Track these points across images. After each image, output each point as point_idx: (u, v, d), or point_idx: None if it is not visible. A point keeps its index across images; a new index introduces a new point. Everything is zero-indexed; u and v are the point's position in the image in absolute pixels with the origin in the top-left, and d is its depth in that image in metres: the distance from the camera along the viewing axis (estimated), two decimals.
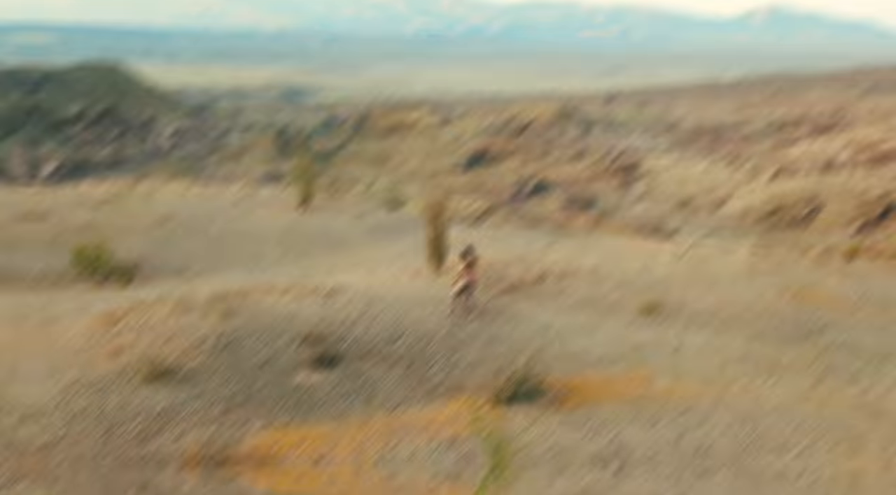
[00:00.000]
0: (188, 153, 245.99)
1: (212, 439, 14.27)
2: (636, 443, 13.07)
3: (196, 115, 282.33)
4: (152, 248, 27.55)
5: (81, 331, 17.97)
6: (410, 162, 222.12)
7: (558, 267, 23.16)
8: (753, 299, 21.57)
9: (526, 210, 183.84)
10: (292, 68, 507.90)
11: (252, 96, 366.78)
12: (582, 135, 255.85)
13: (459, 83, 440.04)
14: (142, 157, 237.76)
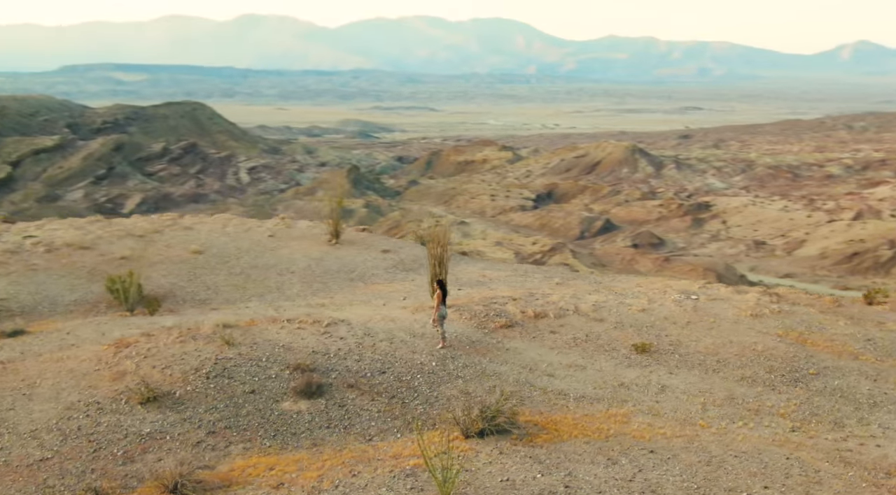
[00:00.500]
0: (265, 188, 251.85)
1: (189, 462, 14.87)
2: (587, 480, 13.11)
3: (274, 151, 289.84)
4: (181, 280, 28.61)
5: (92, 356, 18.91)
6: (478, 199, 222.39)
7: (562, 304, 23.21)
8: (752, 342, 21.27)
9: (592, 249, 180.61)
10: (367, 107, 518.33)
11: (328, 134, 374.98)
12: (653, 174, 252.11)
13: (531, 121, 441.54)
14: (221, 192, 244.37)
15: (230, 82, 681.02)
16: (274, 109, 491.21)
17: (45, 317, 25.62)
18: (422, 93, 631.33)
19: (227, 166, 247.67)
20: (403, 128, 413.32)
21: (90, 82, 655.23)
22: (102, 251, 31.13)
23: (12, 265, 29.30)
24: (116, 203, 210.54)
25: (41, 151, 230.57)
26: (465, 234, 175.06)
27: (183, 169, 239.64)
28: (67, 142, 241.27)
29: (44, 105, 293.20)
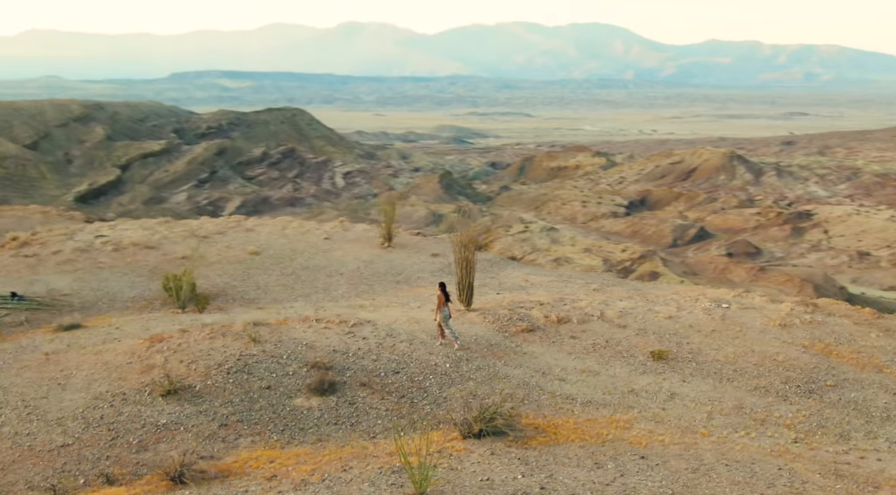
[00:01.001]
0: (359, 193, 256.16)
1: (192, 452, 15.48)
2: (565, 483, 13.07)
3: (369, 156, 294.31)
4: (235, 279, 29.59)
5: (127, 350, 19.85)
6: (569, 205, 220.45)
7: (589, 309, 22.99)
8: (774, 352, 20.66)
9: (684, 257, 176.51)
10: (463, 113, 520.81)
11: (423, 139, 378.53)
12: (751, 181, 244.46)
13: (627, 127, 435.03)
14: (317, 196, 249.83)
15: (330, 89, 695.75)
16: (372, 115, 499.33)
17: (104, 312, 26.92)
18: (517, 98, 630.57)
19: (324, 171, 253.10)
20: (498, 133, 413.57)
21: (198, 89, 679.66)
22: (166, 251, 32.48)
23: (80, 263, 30.91)
24: (217, 206, 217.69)
25: (149, 155, 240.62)
26: (554, 241, 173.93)
27: (281, 173, 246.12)
28: (173, 147, 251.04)
29: (153, 111, 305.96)
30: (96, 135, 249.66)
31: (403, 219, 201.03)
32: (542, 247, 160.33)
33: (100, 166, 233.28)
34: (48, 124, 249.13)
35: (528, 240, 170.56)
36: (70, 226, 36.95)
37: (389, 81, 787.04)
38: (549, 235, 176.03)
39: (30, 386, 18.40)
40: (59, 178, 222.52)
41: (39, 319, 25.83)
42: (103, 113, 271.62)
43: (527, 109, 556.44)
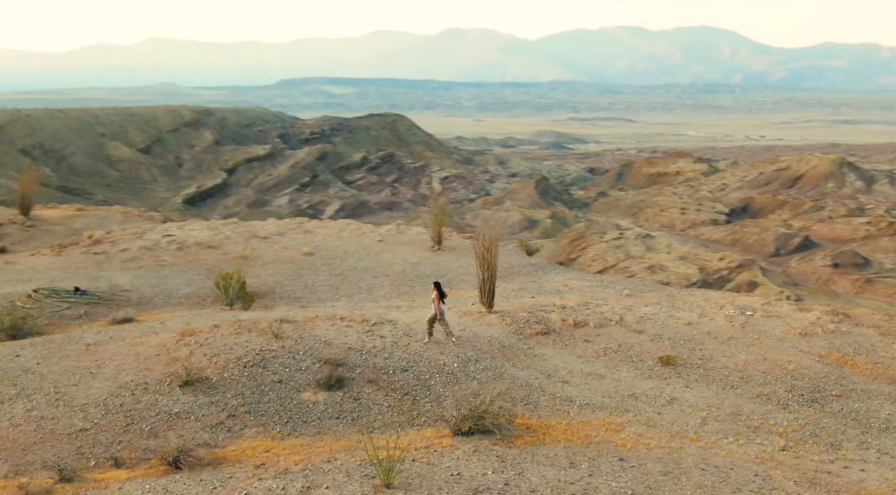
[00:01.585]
0: (455, 198, 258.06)
1: (202, 440, 16.21)
2: (529, 480, 13.32)
3: (467, 162, 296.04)
4: (285, 279, 30.55)
5: (159, 343, 20.88)
6: (668, 212, 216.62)
7: (609, 314, 22.85)
8: (787, 360, 20.16)
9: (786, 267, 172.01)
10: (564, 118, 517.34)
11: (523, 145, 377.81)
12: (862, 189, 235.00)
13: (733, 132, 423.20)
14: (413, 201, 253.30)
15: (432, 94, 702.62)
16: (472, 121, 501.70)
17: (158, 307, 28.27)
18: (619, 103, 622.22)
19: (422, 176, 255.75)
20: (598, 139, 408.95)
21: (304, 95, 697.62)
22: (226, 250, 33.78)
23: (144, 260, 32.49)
24: (317, 209, 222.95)
25: (253, 159, 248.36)
26: (649, 248, 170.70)
27: (380, 178, 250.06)
28: (277, 151, 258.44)
29: (259, 116, 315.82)
30: (205, 139, 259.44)
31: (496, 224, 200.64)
32: (636, 255, 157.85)
33: (207, 170, 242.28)
34: (161, 129, 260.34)
35: (623, 246, 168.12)
36: (144, 225, 38.87)
37: (490, 87, 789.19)
38: (645, 242, 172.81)
39: (65, 374, 19.59)
40: (169, 181, 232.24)
41: (97, 313, 27.33)
42: (212, 118, 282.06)
43: (629, 114, 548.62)
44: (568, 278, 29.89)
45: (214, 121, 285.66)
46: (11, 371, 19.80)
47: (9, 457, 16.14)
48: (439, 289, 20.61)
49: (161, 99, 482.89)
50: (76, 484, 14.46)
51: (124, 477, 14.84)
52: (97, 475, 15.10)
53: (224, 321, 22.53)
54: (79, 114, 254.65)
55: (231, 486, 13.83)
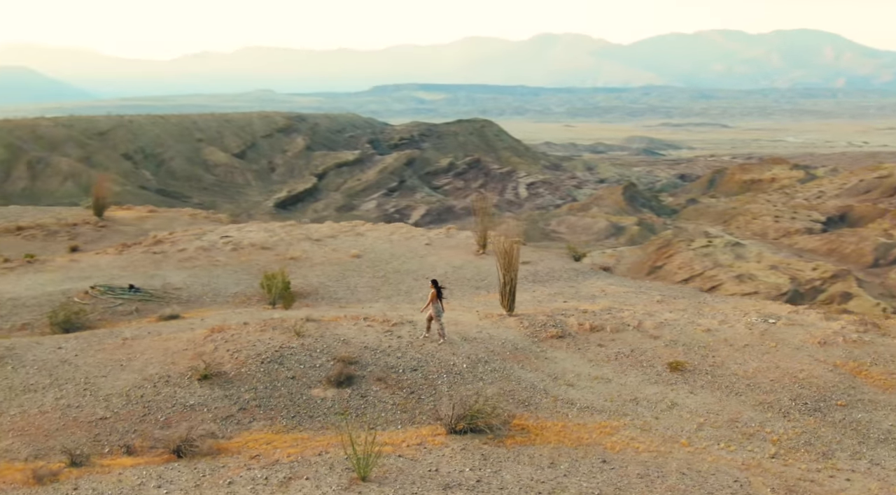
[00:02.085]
0: (541, 203, 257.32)
1: (210, 431, 16.84)
2: (503, 478, 13.63)
3: (555, 167, 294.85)
4: (330, 280, 31.23)
5: (188, 339, 21.71)
6: (760, 220, 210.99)
7: (629, 319, 22.66)
8: (798, 369, 19.71)
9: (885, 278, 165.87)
10: (655, 124, 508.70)
11: (612, 150, 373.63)
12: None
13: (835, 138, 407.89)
14: (499, 206, 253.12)
15: (522, 100, 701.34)
16: (561, 126, 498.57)
17: (206, 305, 29.30)
18: (714, 109, 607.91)
19: (508, 181, 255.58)
20: (691, 145, 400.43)
21: (396, 101, 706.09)
22: (278, 252, 34.73)
23: (199, 260, 33.71)
24: (404, 214, 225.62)
25: (343, 165, 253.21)
26: (739, 256, 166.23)
27: (466, 183, 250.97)
28: (366, 157, 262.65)
29: (350, 122, 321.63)
30: (297, 145, 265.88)
31: (582, 230, 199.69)
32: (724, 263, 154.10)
33: (299, 174, 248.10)
34: (255, 135, 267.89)
35: (710, 255, 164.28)
36: (206, 227, 40.31)
37: (581, 92, 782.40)
38: (734, 251, 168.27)
39: (97, 366, 20.60)
40: (262, 185, 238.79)
41: (148, 310, 28.53)
42: (305, 124, 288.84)
43: (724, 120, 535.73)
44: (607, 283, 29.65)
45: (306, 126, 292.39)
46: (50, 362, 20.94)
47: (32, 442, 17.13)
48: (437, 288, 20.92)
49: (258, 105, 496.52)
50: (83, 469, 15.24)
51: (129, 463, 15.57)
52: (106, 461, 15.88)
53: (256, 319, 23.25)
54: (178, 120, 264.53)
55: (219, 474, 14.38)
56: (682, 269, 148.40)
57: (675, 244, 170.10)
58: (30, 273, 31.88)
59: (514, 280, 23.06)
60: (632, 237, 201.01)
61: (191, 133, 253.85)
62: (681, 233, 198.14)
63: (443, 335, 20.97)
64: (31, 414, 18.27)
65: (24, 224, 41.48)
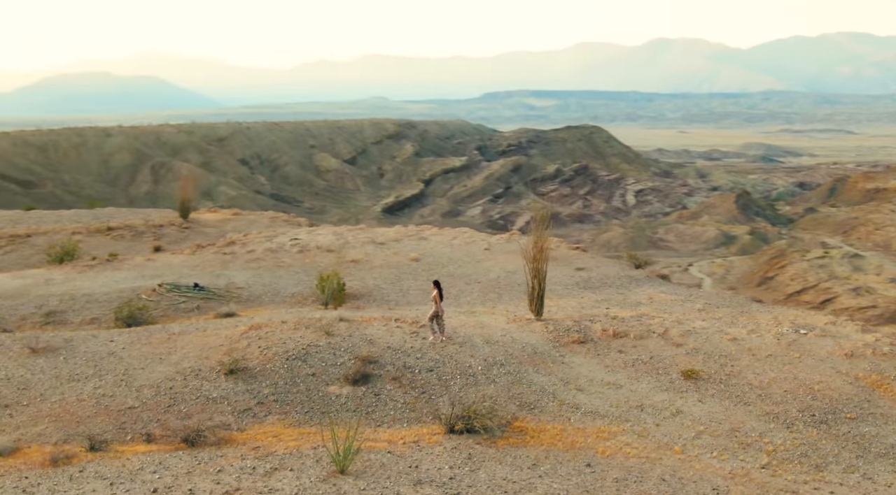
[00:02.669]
0: (649, 211, 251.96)
1: (225, 423, 17.53)
2: (479, 476, 13.93)
3: (665, 174, 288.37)
4: (385, 282, 31.78)
5: (226, 335, 22.58)
6: (883, 230, 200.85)
7: (655, 327, 22.31)
8: (817, 381, 19.11)
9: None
10: (775, 130, 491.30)
11: (728, 158, 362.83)
12: None
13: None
14: (605, 213, 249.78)
15: (634, 106, 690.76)
16: (675, 133, 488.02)
17: (263, 304, 30.33)
18: (839, 114, 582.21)
19: (615, 188, 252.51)
20: (813, 152, 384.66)
21: (506, 108, 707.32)
22: (342, 254, 35.58)
23: (266, 261, 34.90)
24: (508, 220, 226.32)
25: (450, 171, 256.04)
26: (856, 268, 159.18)
27: (573, 190, 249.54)
28: (473, 163, 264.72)
29: (459, 129, 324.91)
30: (406, 151, 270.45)
31: (691, 239, 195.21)
32: (840, 275, 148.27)
33: (407, 180, 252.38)
34: (366, 141, 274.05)
35: (826, 266, 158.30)
36: (279, 229, 41.66)
37: (696, 98, 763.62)
38: (852, 262, 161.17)
39: (139, 358, 21.70)
40: (371, 190, 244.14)
41: (209, 307, 29.74)
42: (414, 131, 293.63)
43: (849, 126, 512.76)
44: (658, 291, 29.06)
45: (416, 133, 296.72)
46: (98, 354, 22.19)
47: (64, 427, 18.22)
48: (439, 289, 21.47)
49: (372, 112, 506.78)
50: (98, 454, 16.15)
51: (142, 450, 16.41)
52: (123, 447, 16.77)
53: (297, 318, 23.96)
54: (292, 127, 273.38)
55: (214, 463, 15.02)
56: (795, 281, 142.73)
57: (789, 254, 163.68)
58: (108, 271, 33.76)
59: (543, 285, 23.01)
60: (743, 247, 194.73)
61: (304, 139, 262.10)
62: (796, 244, 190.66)
63: (442, 334, 21.46)
64: (69, 401, 19.43)
65: (114, 225, 43.89)
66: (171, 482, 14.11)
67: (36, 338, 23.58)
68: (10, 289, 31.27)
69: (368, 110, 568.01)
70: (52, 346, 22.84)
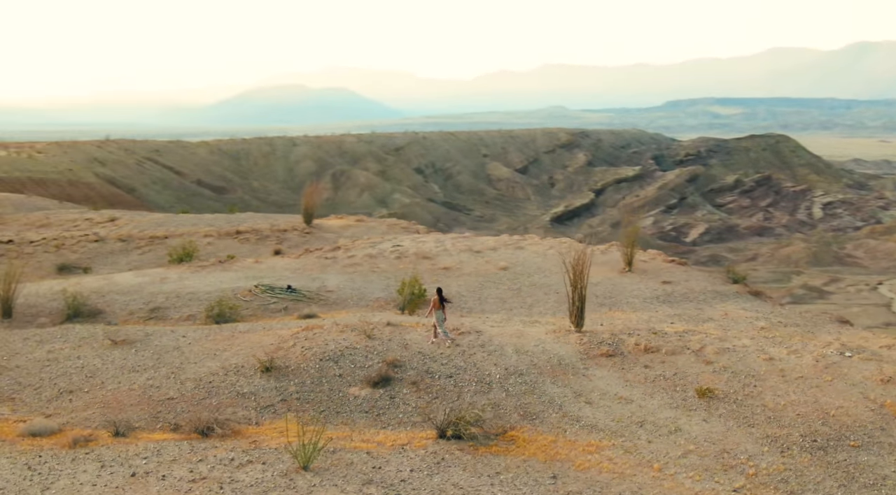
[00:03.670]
0: (838, 225, 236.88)
1: (245, 418, 18.39)
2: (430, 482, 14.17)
3: (859, 186, 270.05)
4: (467, 290, 31.92)
5: (280, 335, 23.61)
6: None
7: (693, 344, 21.30)
8: (837, 405, 18.03)
9: None
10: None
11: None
12: None
13: None
14: (788, 227, 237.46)
15: (830, 114, 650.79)
16: (875, 142, 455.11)
17: (347, 307, 31.29)
18: None
19: (801, 200, 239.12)
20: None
21: (689, 116, 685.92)
22: (436, 261, 36.08)
23: (363, 266, 35.95)
24: (680, 231, 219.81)
25: (622, 180, 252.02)
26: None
27: (753, 201, 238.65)
28: (647, 173, 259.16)
29: (635, 138, 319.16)
30: (578, 160, 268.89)
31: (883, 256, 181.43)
32: None
33: (577, 189, 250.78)
34: (538, 150, 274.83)
35: None
36: (388, 235, 42.73)
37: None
38: None
39: (197, 354, 23.08)
40: (541, 200, 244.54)
41: (296, 309, 31.03)
42: (587, 140, 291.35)
43: None
44: (738, 307, 27.46)
45: (589, 142, 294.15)
46: (165, 348, 23.81)
47: (107, 414, 19.71)
48: (440, 296, 21.98)
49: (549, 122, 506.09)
50: (118, 439, 17.40)
51: (158, 438, 17.53)
52: (143, 435, 17.97)
53: (352, 320, 24.64)
54: (466, 136, 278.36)
55: (202, 453, 15.93)
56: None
57: None
58: (217, 271, 35.97)
59: (583, 295, 22.45)
60: None
61: (477, 149, 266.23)
62: None
63: (443, 341, 21.77)
64: (121, 390, 21.00)
65: (242, 228, 46.62)
66: (152, 467, 15.07)
67: (118, 331, 25.66)
68: (128, 286, 34.01)
69: (546, 120, 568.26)
70: (130, 339, 24.76)
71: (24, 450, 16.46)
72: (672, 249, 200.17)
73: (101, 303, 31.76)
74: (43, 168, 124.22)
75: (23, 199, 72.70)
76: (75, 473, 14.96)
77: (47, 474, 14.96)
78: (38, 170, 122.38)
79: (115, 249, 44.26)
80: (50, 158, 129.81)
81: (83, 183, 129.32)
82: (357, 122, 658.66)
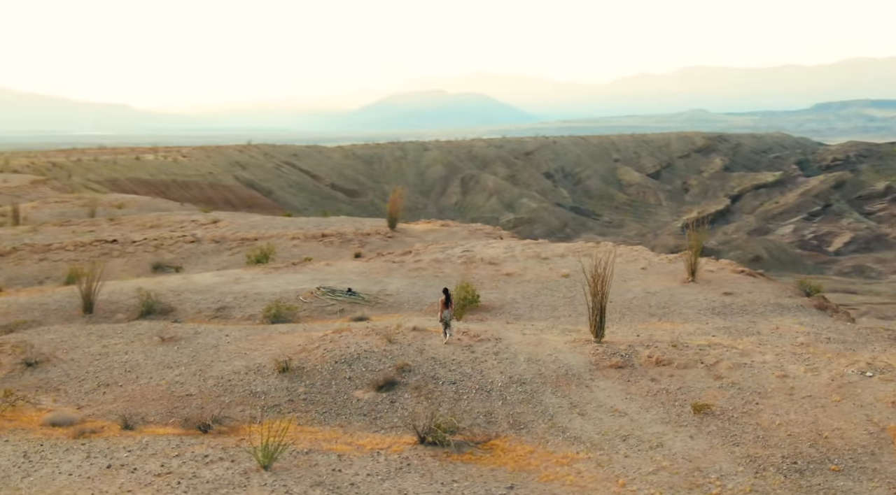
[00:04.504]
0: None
1: (251, 416, 18.89)
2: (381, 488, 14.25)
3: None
4: (521, 296, 31.50)
5: (309, 337, 24.08)
6: None
7: (708, 358, 20.12)
8: (836, 427, 16.96)
9: None
10: None
11: None
12: None
13: None
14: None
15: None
16: None
17: (401, 311, 31.51)
18: None
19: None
20: None
21: (840, 120, 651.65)
22: (500, 268, 35.82)
23: (426, 271, 36.11)
24: (822, 240, 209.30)
25: (761, 186, 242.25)
26: None
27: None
28: (789, 178, 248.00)
29: (778, 142, 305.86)
30: (714, 165, 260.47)
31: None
32: None
33: (712, 195, 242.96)
34: (672, 155, 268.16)
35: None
36: (463, 240, 42.68)
37: None
38: None
39: (231, 352, 23.83)
40: (672, 206, 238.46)
41: (351, 311, 31.51)
42: (725, 145, 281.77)
43: None
44: (794, 321, 25.72)
45: (727, 147, 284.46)
46: (204, 346, 24.73)
47: (129, 407, 20.65)
48: (447, 296, 22.48)
49: (689, 125, 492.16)
50: (125, 432, 18.23)
51: (160, 432, 18.25)
52: (147, 429, 18.73)
53: (386, 324, 24.82)
54: (597, 140, 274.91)
55: (183, 448, 16.56)
56: None
57: None
58: (289, 273, 37.01)
59: (603, 305, 21.71)
60: None
61: (608, 153, 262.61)
62: None
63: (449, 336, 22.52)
64: (150, 385, 21.96)
65: (328, 232, 47.77)
66: (130, 461, 15.73)
67: (168, 328, 26.86)
68: (203, 285, 35.50)
69: (685, 123, 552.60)
70: (178, 337, 25.86)
71: (33, 439, 17.50)
72: (812, 258, 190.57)
73: (174, 301, 33.28)
74: (186, 171, 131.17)
75: (147, 201, 76.98)
76: (60, 463, 15.80)
77: (37, 462, 15.88)
78: (182, 173, 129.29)
79: (209, 250, 46.27)
80: (193, 162, 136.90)
81: (223, 185, 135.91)
82: (491, 126, 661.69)
